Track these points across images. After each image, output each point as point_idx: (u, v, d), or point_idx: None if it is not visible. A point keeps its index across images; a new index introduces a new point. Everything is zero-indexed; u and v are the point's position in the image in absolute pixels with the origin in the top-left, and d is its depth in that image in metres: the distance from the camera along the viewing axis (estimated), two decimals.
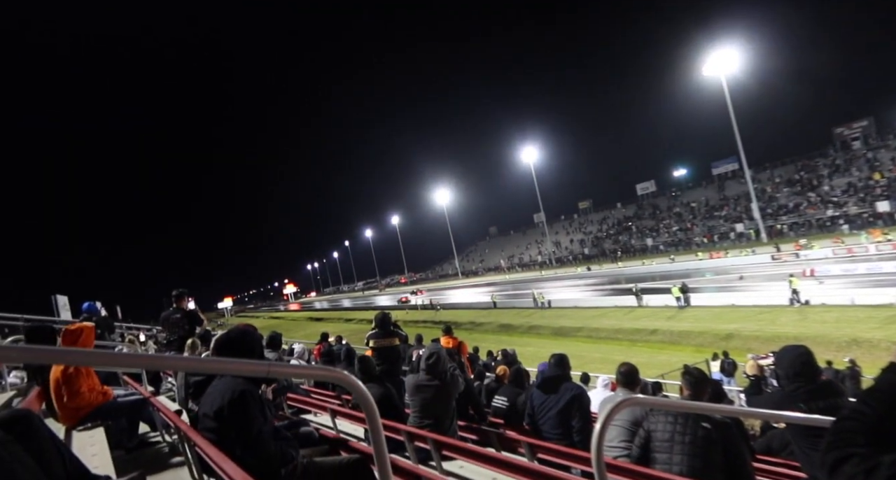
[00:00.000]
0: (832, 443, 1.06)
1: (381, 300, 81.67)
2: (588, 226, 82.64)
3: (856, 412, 1.07)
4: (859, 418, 1.06)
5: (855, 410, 1.08)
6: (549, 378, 4.75)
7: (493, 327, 34.88)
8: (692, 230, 61.26)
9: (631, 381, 4.01)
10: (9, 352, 1.21)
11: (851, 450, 1.00)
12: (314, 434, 3.19)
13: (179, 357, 2.18)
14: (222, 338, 2.68)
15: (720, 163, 65.30)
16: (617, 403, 1.72)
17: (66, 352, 1.74)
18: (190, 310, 7.25)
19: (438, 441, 3.52)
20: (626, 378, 4.01)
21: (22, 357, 1.66)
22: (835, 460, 1.02)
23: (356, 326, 45.18)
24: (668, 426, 3.08)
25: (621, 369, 4.05)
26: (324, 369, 1.32)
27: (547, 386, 4.70)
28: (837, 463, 1.01)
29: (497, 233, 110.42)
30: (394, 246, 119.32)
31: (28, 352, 1.69)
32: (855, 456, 0.98)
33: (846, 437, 1.04)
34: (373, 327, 6.21)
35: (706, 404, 2.92)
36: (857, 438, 1.02)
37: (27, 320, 9.47)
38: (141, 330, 16.78)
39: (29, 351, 1.57)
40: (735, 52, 48.05)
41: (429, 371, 4.48)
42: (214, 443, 2.38)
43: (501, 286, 59.72)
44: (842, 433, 1.06)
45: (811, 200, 51.09)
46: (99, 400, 3.95)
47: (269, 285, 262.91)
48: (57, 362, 3.14)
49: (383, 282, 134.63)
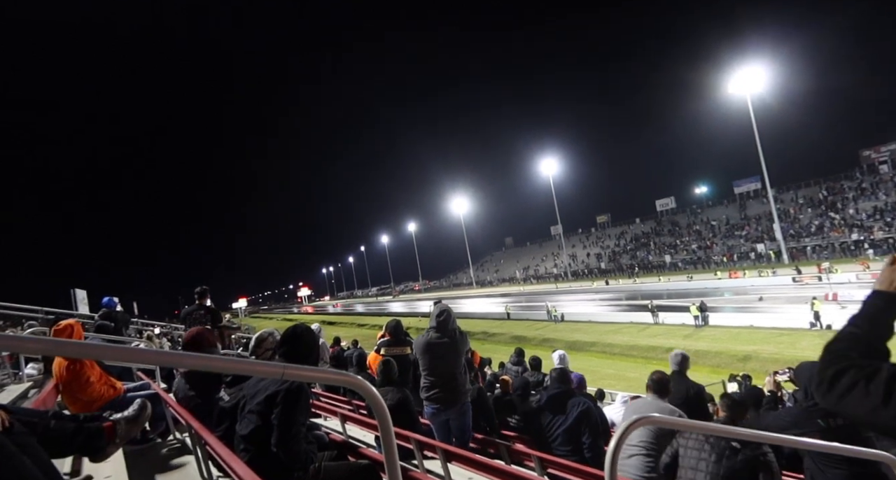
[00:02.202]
0: (829, 361, 1.14)
1: (394, 306, 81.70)
2: (605, 240, 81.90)
3: (847, 333, 1.18)
4: (850, 338, 1.17)
5: (845, 333, 1.19)
6: (553, 395, 4.68)
7: (506, 338, 34.64)
8: (712, 249, 60.39)
9: (662, 389, 3.96)
10: (27, 344, 1.21)
11: (848, 363, 1.09)
12: (324, 437, 3.18)
13: (190, 354, 2.18)
14: (290, 331, 2.70)
15: (742, 182, 64.43)
16: (631, 422, 1.67)
17: (86, 346, 1.74)
18: (212, 307, 7.39)
19: (448, 450, 3.47)
20: (658, 385, 3.96)
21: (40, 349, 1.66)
22: (834, 373, 1.10)
23: (368, 331, 45.22)
24: (697, 443, 3.08)
25: (653, 376, 4.03)
26: (339, 373, 1.28)
27: (553, 404, 4.64)
28: (836, 376, 1.09)
29: (513, 244, 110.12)
30: (409, 253, 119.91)
31: (48, 344, 1.69)
32: (853, 367, 1.07)
33: (841, 354, 1.13)
34: (383, 334, 6.18)
35: (726, 426, 2.82)
36: (850, 354, 1.12)
37: (47, 313, 9.60)
38: (156, 326, 16.94)
39: (49, 342, 1.56)
40: (761, 70, 47.67)
41: (439, 328, 4.52)
42: (255, 427, 2.40)
43: (515, 297, 59.39)
44: (836, 352, 1.15)
45: (835, 223, 50.04)
46: (110, 393, 3.97)
47: (283, 287, 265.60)
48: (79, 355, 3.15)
49: (397, 289, 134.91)
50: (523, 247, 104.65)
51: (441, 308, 4.66)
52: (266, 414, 2.38)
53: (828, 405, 1.12)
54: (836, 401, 1.08)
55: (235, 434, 2.52)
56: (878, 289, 1.21)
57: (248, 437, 2.40)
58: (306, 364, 2.59)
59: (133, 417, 2.38)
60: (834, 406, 1.10)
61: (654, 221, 76.48)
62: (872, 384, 1.02)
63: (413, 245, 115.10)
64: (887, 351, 1.14)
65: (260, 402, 2.41)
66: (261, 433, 2.36)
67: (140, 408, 2.44)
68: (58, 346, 1.64)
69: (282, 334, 2.74)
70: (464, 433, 4.46)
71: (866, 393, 1.02)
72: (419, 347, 4.62)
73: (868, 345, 1.14)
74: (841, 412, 1.10)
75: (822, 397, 1.13)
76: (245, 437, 2.41)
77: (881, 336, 1.16)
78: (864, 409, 1.02)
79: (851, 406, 1.05)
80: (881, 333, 1.16)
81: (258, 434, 2.37)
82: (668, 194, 75.71)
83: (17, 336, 1.32)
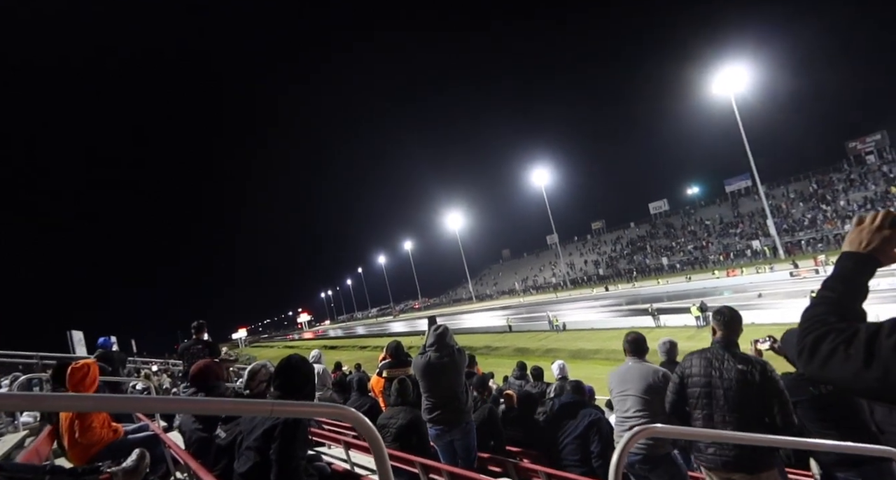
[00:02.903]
0: (807, 328, 1.12)
1: (395, 326, 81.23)
2: (602, 246, 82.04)
3: (822, 297, 1.17)
4: (827, 302, 1.15)
5: (821, 297, 1.18)
6: (566, 404, 4.64)
7: (509, 351, 34.40)
8: (707, 248, 60.58)
9: (639, 349, 3.90)
10: (14, 401, 1.17)
11: (826, 328, 1.07)
12: (326, 469, 3.10)
13: (178, 398, 2.15)
14: (284, 363, 2.65)
15: (733, 180, 64.90)
16: (635, 433, 1.64)
17: (74, 398, 1.69)
18: (209, 341, 7.31)
19: (454, 473, 3.40)
20: (634, 346, 3.91)
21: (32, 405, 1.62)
22: (813, 340, 1.08)
23: (370, 353, 44.86)
24: (703, 369, 3.16)
25: (628, 337, 3.97)
26: (330, 406, 1.25)
27: (564, 412, 4.59)
28: (816, 343, 1.07)
29: (510, 256, 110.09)
30: (407, 271, 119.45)
31: (37, 400, 1.65)
32: (832, 332, 1.05)
33: (819, 320, 1.11)
34: (384, 356, 6.11)
35: (732, 433, 2.78)
36: (829, 318, 1.10)
37: (42, 357, 9.48)
38: (153, 363, 16.77)
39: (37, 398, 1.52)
40: (744, 69, 48.19)
41: (437, 347, 4.44)
42: (254, 464, 2.34)
43: (516, 309, 59.17)
44: (814, 317, 1.13)
45: (827, 215, 50.37)
46: (110, 436, 3.92)
47: (282, 314, 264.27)
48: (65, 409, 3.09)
49: (397, 308, 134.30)
50: (520, 259, 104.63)
51: (437, 326, 4.61)
52: (264, 450, 2.33)
53: (811, 373, 1.09)
54: (819, 369, 1.05)
55: (234, 473, 2.45)
56: (847, 250, 1.21)
57: (247, 475, 2.34)
58: (302, 395, 2.54)
59: (132, 468, 2.32)
60: (817, 375, 1.07)
61: (648, 224, 76.74)
62: (852, 347, 0.99)
63: (410, 263, 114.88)
64: (863, 312, 1.13)
65: (257, 438, 2.36)
66: (259, 470, 2.30)
67: (139, 459, 2.39)
68: (45, 402, 1.59)
69: (276, 366, 2.69)
70: (469, 453, 4.37)
71: (847, 357, 0.99)
72: (418, 368, 4.53)
73: (844, 308, 1.12)
74: (825, 379, 1.07)
75: (804, 365, 1.10)
76: (243, 475, 2.35)
77: (855, 297, 1.15)
78: (847, 374, 0.99)
79: (835, 373, 1.02)
80: (855, 295, 1.15)
81: (257, 471, 2.31)
82: (661, 197, 76.24)
83: None
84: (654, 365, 3.82)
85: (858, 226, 1.22)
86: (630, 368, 3.82)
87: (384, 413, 4.92)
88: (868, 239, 1.18)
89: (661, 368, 3.78)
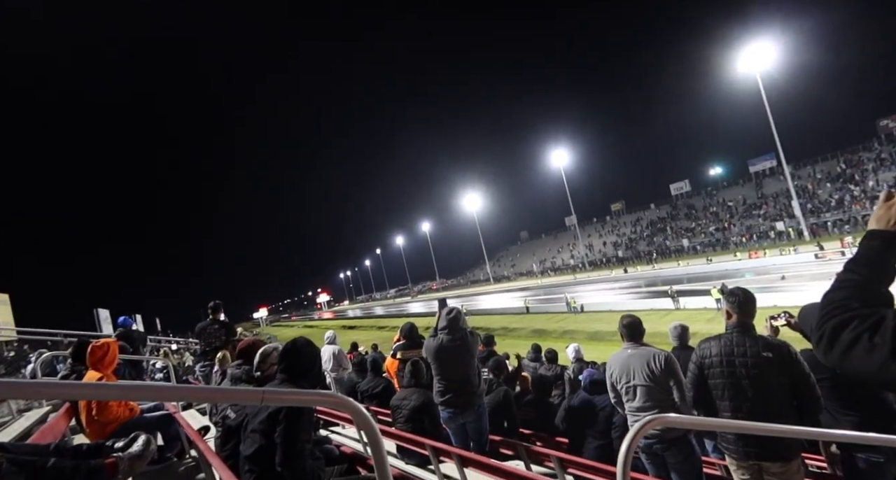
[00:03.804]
0: (828, 313, 1.02)
1: (413, 307, 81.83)
2: (621, 227, 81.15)
3: (844, 281, 1.07)
4: (849, 286, 1.05)
5: (843, 280, 1.07)
6: (596, 381, 4.56)
7: (526, 332, 34.42)
8: (730, 230, 59.51)
9: (636, 333, 3.79)
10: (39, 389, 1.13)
11: (849, 314, 0.98)
12: (334, 451, 3.10)
13: (170, 386, 2.16)
14: (289, 346, 2.63)
15: (757, 161, 63.38)
16: (645, 422, 1.57)
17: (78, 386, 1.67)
18: (225, 321, 7.40)
19: (464, 456, 3.37)
20: (630, 329, 3.79)
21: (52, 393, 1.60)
22: (834, 327, 0.98)
23: (388, 333, 45.32)
24: (724, 358, 3.04)
25: (624, 321, 3.84)
26: (325, 394, 1.21)
27: (596, 388, 4.53)
28: (837, 330, 0.97)
29: (528, 238, 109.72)
30: (425, 252, 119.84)
31: (56, 388, 1.62)
32: (854, 319, 0.96)
33: (841, 305, 1.01)
34: (398, 338, 6.11)
35: (749, 423, 2.68)
36: (851, 303, 1.00)
37: (66, 335, 9.69)
38: (172, 342, 17.11)
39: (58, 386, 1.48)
40: (771, 46, 46.75)
41: (449, 330, 4.41)
42: (259, 447, 2.33)
43: (534, 290, 59.07)
44: (835, 302, 1.03)
45: (855, 196, 48.96)
46: (126, 414, 3.98)
47: (302, 294, 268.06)
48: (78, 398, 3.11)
49: (415, 289, 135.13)
50: (538, 240, 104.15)
51: (450, 308, 4.55)
52: (269, 433, 2.31)
53: (830, 363, 0.99)
54: (839, 358, 0.96)
55: (240, 455, 2.44)
56: (873, 229, 1.10)
57: (252, 457, 2.33)
58: (308, 378, 2.51)
59: (138, 454, 2.32)
60: (838, 365, 0.97)
61: (669, 206, 75.59)
62: (878, 335, 0.89)
63: (428, 244, 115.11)
64: (890, 297, 1.01)
65: (262, 421, 2.34)
66: (265, 452, 2.29)
67: (144, 445, 2.38)
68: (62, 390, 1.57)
69: (279, 349, 2.66)
70: (481, 436, 4.35)
71: (871, 346, 0.89)
72: (430, 351, 4.50)
73: (868, 292, 1.01)
74: (846, 370, 0.96)
75: (823, 354, 1.01)
76: (249, 458, 2.34)
77: (882, 280, 1.03)
78: (872, 365, 0.89)
79: (857, 363, 0.92)
80: (882, 277, 1.04)
81: (262, 454, 2.30)
82: (682, 177, 74.81)
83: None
84: (652, 348, 3.70)
85: (887, 203, 1.11)
86: (630, 355, 3.69)
87: (398, 394, 4.92)
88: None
89: (661, 350, 3.66)
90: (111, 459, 2.17)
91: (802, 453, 3.67)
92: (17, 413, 5.48)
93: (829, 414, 3.01)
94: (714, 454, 4.48)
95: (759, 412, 2.85)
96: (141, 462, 2.27)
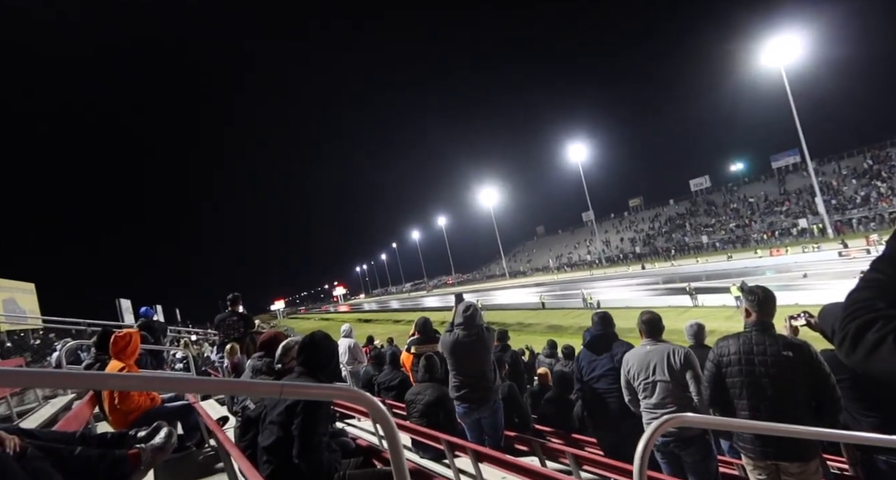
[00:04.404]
0: (851, 313, 0.99)
1: (428, 301, 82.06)
2: (639, 223, 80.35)
3: (870, 280, 1.03)
4: (875, 285, 1.01)
5: (868, 280, 1.04)
6: (597, 335, 4.49)
7: (542, 328, 34.34)
8: (750, 226, 58.56)
9: (655, 330, 3.76)
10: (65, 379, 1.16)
11: (873, 315, 0.94)
12: (350, 444, 3.13)
13: (191, 379, 2.21)
14: (307, 340, 2.67)
15: (780, 156, 62.13)
16: (662, 421, 1.58)
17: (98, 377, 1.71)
18: (244, 313, 7.49)
19: (479, 451, 3.38)
20: (649, 326, 3.76)
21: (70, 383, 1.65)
22: (857, 328, 0.95)
23: (404, 327, 45.52)
24: (743, 357, 2.99)
25: (643, 317, 3.80)
26: (340, 389, 1.25)
27: (596, 344, 4.45)
28: (861, 331, 0.94)
29: (545, 233, 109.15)
30: (441, 247, 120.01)
31: (74, 379, 1.67)
32: (879, 320, 0.92)
33: (865, 305, 0.97)
34: (413, 333, 6.14)
35: (763, 423, 2.65)
36: (876, 304, 0.96)
37: (90, 324, 9.90)
38: (191, 332, 17.39)
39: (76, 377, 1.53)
40: (795, 38, 45.72)
41: (465, 325, 4.41)
42: (277, 438, 2.36)
43: (550, 286, 58.87)
44: (859, 302, 0.99)
45: (882, 192, 47.78)
46: (147, 403, 4.07)
47: (319, 287, 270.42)
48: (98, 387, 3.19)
49: (431, 283, 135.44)
50: (555, 236, 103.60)
51: (466, 304, 4.55)
52: (287, 425, 2.34)
53: (854, 364, 0.96)
54: (862, 360, 0.93)
55: (258, 446, 2.49)
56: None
57: (270, 449, 2.37)
58: (325, 371, 2.54)
59: (160, 446, 2.37)
60: (861, 366, 0.94)
61: (688, 202, 74.57)
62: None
63: (444, 238, 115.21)
64: None
65: (280, 413, 2.38)
66: (282, 444, 2.33)
67: (167, 436, 2.44)
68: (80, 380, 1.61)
69: (299, 343, 2.69)
70: (496, 431, 4.36)
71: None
72: (446, 346, 4.51)
73: (894, 292, 0.98)
74: (869, 371, 0.94)
75: (845, 356, 0.98)
76: (267, 449, 2.38)
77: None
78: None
79: (881, 365, 0.89)
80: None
81: (280, 446, 2.34)
82: (703, 173, 73.56)
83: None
84: (671, 343, 3.67)
85: None
86: (649, 352, 3.66)
87: (412, 388, 4.95)
88: None
89: (680, 346, 3.63)
90: (134, 450, 2.22)
91: (823, 453, 3.63)
92: (43, 400, 5.63)
93: (850, 415, 2.97)
94: (730, 453, 4.43)
95: (778, 411, 2.81)
96: (163, 453, 2.33)
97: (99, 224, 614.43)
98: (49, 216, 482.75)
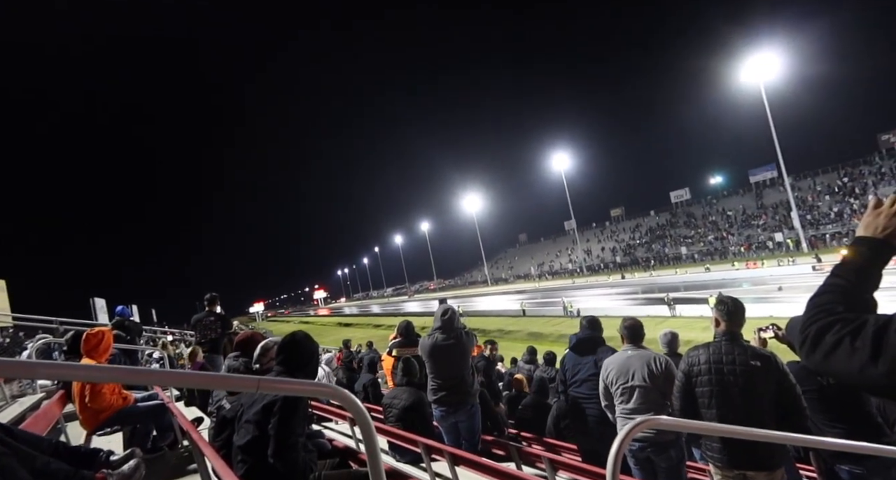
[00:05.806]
0: (812, 317, 1.04)
1: (409, 306, 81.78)
2: (620, 233, 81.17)
3: (831, 285, 1.08)
4: (834, 290, 1.07)
5: (829, 284, 1.09)
6: (583, 338, 4.50)
7: (522, 335, 34.41)
8: (728, 239, 59.57)
9: (636, 336, 3.82)
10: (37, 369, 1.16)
11: (833, 318, 0.99)
12: (326, 445, 3.12)
13: (166, 371, 2.16)
14: (288, 339, 2.64)
15: (758, 171, 63.44)
16: (636, 423, 1.60)
17: (72, 367, 1.69)
18: (222, 314, 7.38)
19: (455, 454, 3.39)
20: (631, 332, 3.82)
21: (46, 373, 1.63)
22: (817, 330, 1.00)
23: (384, 332, 45.30)
24: (712, 366, 3.03)
25: (625, 323, 3.86)
26: (316, 385, 1.24)
27: (582, 347, 4.46)
28: (820, 333, 0.99)
29: (527, 241, 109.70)
30: (423, 252, 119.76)
31: (49, 368, 1.65)
32: (838, 322, 0.97)
33: (825, 309, 1.03)
34: (395, 336, 6.13)
35: (744, 429, 2.70)
36: (836, 307, 1.02)
37: (62, 323, 9.68)
38: (168, 333, 17.10)
39: (50, 367, 1.52)
40: (774, 56, 46.82)
41: (444, 329, 4.42)
42: (252, 438, 2.34)
43: (531, 293, 59.07)
44: (819, 306, 1.05)
45: (855, 209, 49.03)
46: (119, 403, 3.99)
47: (299, 290, 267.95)
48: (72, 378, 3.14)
49: (412, 289, 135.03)
50: (537, 243, 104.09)
51: (445, 308, 4.57)
52: (263, 424, 2.33)
53: (813, 365, 1.01)
54: (821, 361, 0.97)
55: (233, 445, 2.47)
56: (861, 235, 1.11)
57: (245, 448, 2.35)
58: (305, 371, 2.54)
59: (126, 475, 2.35)
60: (820, 367, 0.98)
61: (668, 213, 75.62)
62: (859, 339, 0.91)
63: (427, 244, 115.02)
64: (874, 303, 1.04)
65: (257, 412, 2.36)
66: (258, 443, 2.31)
67: (135, 467, 2.42)
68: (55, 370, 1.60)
69: (279, 342, 2.68)
70: (473, 435, 4.38)
71: (852, 349, 0.91)
72: (425, 350, 4.52)
73: (853, 297, 1.03)
74: (828, 372, 0.99)
75: (806, 357, 1.02)
76: (242, 448, 2.36)
77: (867, 286, 1.06)
78: (852, 367, 0.91)
79: (838, 366, 0.94)
80: (867, 283, 1.06)
81: (255, 445, 2.32)
82: (683, 185, 74.90)
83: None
84: (653, 351, 3.73)
85: (875, 210, 1.12)
86: (630, 357, 3.71)
87: (389, 392, 4.94)
88: (885, 223, 1.08)
89: (661, 354, 3.69)
90: (101, 475, 2.21)
91: (796, 463, 3.70)
92: (11, 399, 5.49)
93: (815, 426, 3.04)
94: (702, 461, 4.50)
95: (745, 420, 2.86)
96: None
97: (75, 223, 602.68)
98: (22, 213, 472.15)
